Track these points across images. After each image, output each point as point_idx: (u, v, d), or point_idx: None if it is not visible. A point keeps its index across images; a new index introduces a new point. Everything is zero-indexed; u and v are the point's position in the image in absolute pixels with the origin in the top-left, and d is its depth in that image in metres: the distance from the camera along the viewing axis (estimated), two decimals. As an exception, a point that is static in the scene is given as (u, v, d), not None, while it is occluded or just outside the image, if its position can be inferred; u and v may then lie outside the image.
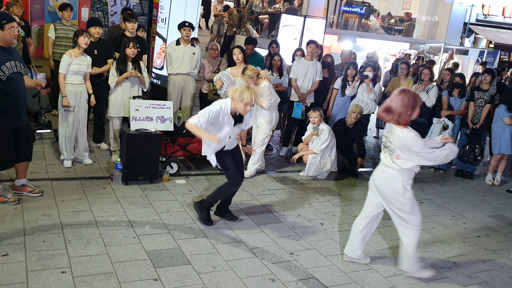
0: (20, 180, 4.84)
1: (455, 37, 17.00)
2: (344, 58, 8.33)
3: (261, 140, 6.27)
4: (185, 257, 4.03)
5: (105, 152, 6.53)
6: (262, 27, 14.70)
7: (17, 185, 4.84)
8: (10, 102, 4.36)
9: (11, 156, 4.56)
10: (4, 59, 4.27)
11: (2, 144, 4.43)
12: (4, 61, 4.26)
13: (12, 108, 4.40)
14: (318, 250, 4.48)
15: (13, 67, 4.34)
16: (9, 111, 4.38)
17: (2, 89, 4.30)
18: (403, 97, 3.75)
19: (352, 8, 15.98)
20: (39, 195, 4.88)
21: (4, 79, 4.29)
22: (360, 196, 6.09)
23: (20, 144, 4.58)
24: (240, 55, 6.34)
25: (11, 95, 4.36)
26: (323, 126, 6.46)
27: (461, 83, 7.44)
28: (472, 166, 7.56)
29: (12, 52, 4.42)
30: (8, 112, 4.37)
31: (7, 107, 4.36)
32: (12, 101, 4.38)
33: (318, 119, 6.43)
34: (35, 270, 3.58)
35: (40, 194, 4.90)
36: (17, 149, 4.58)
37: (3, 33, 4.24)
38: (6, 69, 4.28)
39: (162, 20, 8.58)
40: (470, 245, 5.03)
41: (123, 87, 5.96)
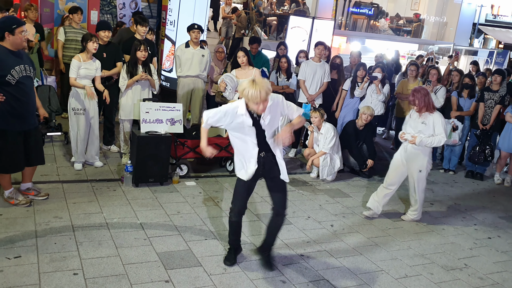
0: (25, 184, 4.86)
1: (464, 38, 16.92)
2: (353, 59, 8.31)
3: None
4: (196, 259, 4.04)
5: (115, 154, 6.57)
6: (270, 29, 14.72)
7: (22, 189, 4.85)
8: (19, 106, 4.40)
9: (21, 159, 4.59)
10: (13, 63, 4.30)
11: (13, 147, 4.46)
12: (13, 65, 4.30)
13: (21, 112, 4.43)
14: (328, 251, 4.47)
15: (22, 71, 4.38)
16: (19, 115, 4.41)
17: (12, 93, 4.33)
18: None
19: (360, 10, 15.96)
20: (45, 198, 4.90)
21: (14, 83, 4.32)
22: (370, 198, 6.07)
23: (30, 147, 4.62)
24: (245, 58, 6.35)
25: (20, 99, 4.39)
26: (326, 125, 6.44)
27: (470, 84, 7.39)
28: (482, 167, 7.51)
29: (22, 55, 4.46)
30: (18, 116, 4.41)
31: (17, 111, 4.39)
32: (21, 105, 4.41)
33: (318, 119, 6.43)
34: (47, 272, 3.61)
35: (45, 197, 4.91)
36: (28, 153, 4.62)
37: (14, 37, 4.27)
38: (15, 73, 4.31)
39: (171, 23, 8.62)
40: (481, 247, 5.00)
41: (133, 90, 6.00)
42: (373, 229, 5.12)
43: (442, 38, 17.03)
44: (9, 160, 4.48)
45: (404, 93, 7.73)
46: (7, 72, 4.25)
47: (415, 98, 5.04)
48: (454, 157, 7.65)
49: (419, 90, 5.07)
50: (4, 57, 4.25)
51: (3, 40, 4.28)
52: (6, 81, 4.26)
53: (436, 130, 5.04)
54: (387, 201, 5.45)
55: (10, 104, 4.33)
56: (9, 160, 4.48)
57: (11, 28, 4.24)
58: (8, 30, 4.23)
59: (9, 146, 4.43)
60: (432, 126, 5.05)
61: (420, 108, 5.05)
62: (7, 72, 4.25)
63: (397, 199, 6.15)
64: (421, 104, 5.02)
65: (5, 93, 4.28)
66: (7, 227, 4.23)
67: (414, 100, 5.05)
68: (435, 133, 5.03)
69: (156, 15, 10.75)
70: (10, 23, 4.28)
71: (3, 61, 4.23)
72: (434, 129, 5.04)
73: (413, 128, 5.14)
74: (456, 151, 7.59)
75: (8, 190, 4.68)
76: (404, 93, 7.73)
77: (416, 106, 5.07)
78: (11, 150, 4.46)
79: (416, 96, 5.03)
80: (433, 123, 5.05)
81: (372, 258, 4.44)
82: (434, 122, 5.04)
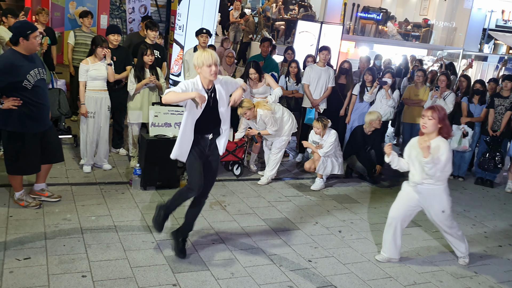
0: (39, 184, 4.91)
1: (474, 43, 16.83)
2: (362, 64, 8.30)
3: (278, 148, 6.27)
4: (203, 263, 4.04)
5: (123, 157, 6.59)
6: (278, 33, 14.74)
7: (35, 190, 4.91)
8: (36, 109, 4.46)
9: (38, 161, 4.66)
10: (28, 68, 4.35)
11: (31, 149, 4.54)
12: (29, 70, 4.35)
13: (38, 114, 4.50)
14: (336, 257, 4.45)
15: (37, 74, 4.43)
16: (35, 118, 4.48)
17: (29, 97, 4.39)
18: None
19: (368, 14, 15.94)
20: (57, 200, 4.94)
21: (30, 87, 4.37)
22: (378, 204, 6.05)
23: (47, 146, 4.69)
24: (256, 75, 6.41)
25: (37, 102, 4.46)
26: (331, 131, 6.34)
27: (481, 90, 7.35)
28: (492, 174, 7.45)
29: (35, 59, 4.51)
30: (34, 119, 4.48)
31: (34, 114, 4.46)
32: (38, 108, 4.48)
33: (320, 130, 6.26)
34: (56, 273, 3.62)
35: (58, 199, 4.95)
36: (45, 152, 4.69)
37: (28, 42, 4.32)
38: (31, 78, 4.37)
39: (179, 27, 8.66)
40: (492, 255, 4.95)
41: (142, 93, 6.02)
42: (382, 235, 5.08)
43: (451, 43, 16.95)
44: (26, 161, 4.56)
45: (412, 98, 7.70)
46: (23, 78, 4.31)
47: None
48: (463, 163, 7.60)
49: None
50: (20, 63, 4.30)
51: (16, 45, 4.32)
52: (23, 86, 4.32)
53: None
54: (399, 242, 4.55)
55: (28, 108, 4.40)
56: (26, 161, 4.56)
57: (26, 34, 4.29)
58: (23, 36, 4.28)
59: (26, 148, 4.50)
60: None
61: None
62: (23, 77, 4.31)
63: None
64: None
65: (22, 97, 4.35)
66: (17, 228, 4.25)
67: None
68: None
69: (165, 19, 10.81)
70: (25, 28, 4.33)
71: (19, 67, 4.28)
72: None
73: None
74: (466, 157, 7.54)
75: (19, 192, 4.71)
76: (412, 99, 7.70)
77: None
78: (28, 152, 4.53)
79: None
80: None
81: (380, 264, 4.41)
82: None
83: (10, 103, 4.31)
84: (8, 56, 4.34)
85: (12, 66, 4.24)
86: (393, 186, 6.83)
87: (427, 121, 4.09)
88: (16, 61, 4.28)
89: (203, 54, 3.76)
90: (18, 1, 12.32)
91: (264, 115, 5.91)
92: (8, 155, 4.55)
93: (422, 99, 7.58)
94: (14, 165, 4.56)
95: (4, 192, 4.99)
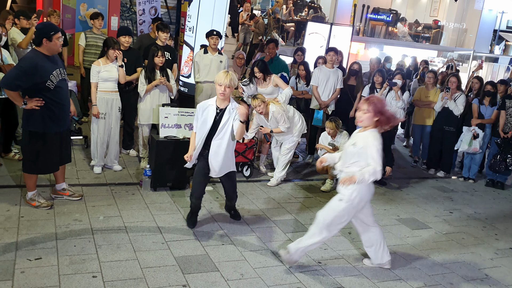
0: (60, 184, 5.00)
1: (484, 45, 16.72)
2: (372, 66, 8.27)
3: (287, 149, 6.26)
4: (213, 264, 4.05)
5: (134, 158, 6.63)
6: (288, 35, 14.73)
7: (58, 189, 5.00)
8: (58, 109, 4.56)
9: (57, 160, 4.77)
10: (51, 69, 4.43)
11: (51, 149, 4.63)
12: (51, 70, 4.43)
13: (59, 115, 4.60)
14: (346, 259, 4.44)
15: (59, 74, 4.52)
16: (57, 118, 4.58)
17: (51, 98, 4.48)
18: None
19: (378, 16, 15.89)
20: (79, 199, 5.02)
21: (53, 88, 4.46)
22: (388, 206, 6.02)
23: (62, 147, 4.78)
24: (260, 74, 6.40)
25: (59, 102, 4.56)
26: (343, 132, 6.37)
27: (492, 91, 7.30)
28: (503, 176, 7.39)
29: (57, 60, 4.61)
30: (56, 119, 4.57)
31: (55, 115, 4.55)
32: (59, 108, 4.58)
33: (333, 131, 6.27)
34: (67, 274, 3.65)
35: (79, 198, 5.03)
36: (60, 152, 4.78)
37: (51, 43, 4.41)
38: (54, 78, 4.45)
39: (189, 29, 8.68)
40: (503, 257, 4.91)
41: (152, 95, 6.06)
42: (392, 237, 5.07)
43: (461, 44, 16.84)
44: (46, 161, 4.66)
45: (422, 100, 7.66)
46: (47, 78, 4.39)
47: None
48: (474, 165, 7.54)
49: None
50: (43, 63, 4.38)
51: (39, 46, 4.41)
52: (46, 86, 4.41)
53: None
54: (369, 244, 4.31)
55: (50, 108, 4.49)
56: (46, 161, 4.66)
57: (49, 35, 4.38)
58: (46, 37, 4.37)
59: (47, 148, 4.60)
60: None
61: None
62: (47, 77, 4.39)
63: (415, 206, 6.08)
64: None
65: (45, 98, 4.44)
66: (28, 229, 4.29)
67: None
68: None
69: (175, 21, 10.85)
70: (49, 29, 4.42)
71: (42, 67, 4.36)
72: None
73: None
74: (477, 159, 7.48)
75: (32, 192, 4.76)
76: (422, 101, 7.66)
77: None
78: (48, 152, 4.63)
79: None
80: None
81: (390, 266, 4.39)
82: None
83: (33, 103, 4.40)
84: (32, 57, 4.42)
85: (36, 67, 4.32)
86: (403, 188, 6.80)
87: (362, 115, 3.87)
88: (39, 61, 4.36)
89: (223, 75, 4.30)
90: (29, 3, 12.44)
91: (276, 112, 5.91)
92: (28, 155, 4.63)
93: (433, 100, 7.54)
94: (33, 165, 4.64)
95: (16, 193, 5.04)
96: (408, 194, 6.58)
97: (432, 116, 7.64)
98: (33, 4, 11.74)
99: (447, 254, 4.82)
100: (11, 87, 4.34)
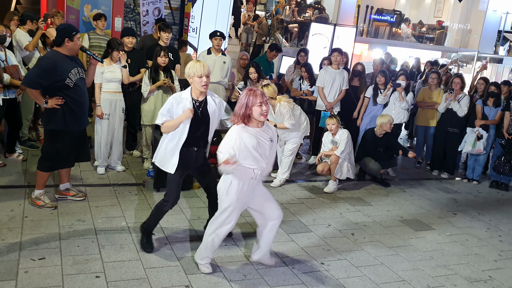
0: (64, 184, 5.03)
1: (489, 45, 16.66)
2: (376, 67, 8.26)
3: (290, 150, 6.26)
4: (216, 265, 4.05)
5: (137, 159, 6.64)
6: (292, 36, 14.72)
7: (61, 189, 5.03)
8: (77, 107, 4.65)
9: (74, 156, 4.88)
10: (70, 67, 4.54)
11: (70, 146, 4.73)
12: (69, 69, 4.53)
13: (79, 113, 4.69)
14: (349, 260, 4.43)
15: (77, 73, 4.61)
16: (77, 116, 4.67)
17: (71, 96, 4.57)
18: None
19: (382, 17, 15.86)
20: (82, 199, 5.04)
21: (72, 85, 4.55)
22: (392, 207, 6.01)
23: (80, 145, 4.88)
24: (256, 74, 6.42)
25: (78, 101, 4.65)
26: (342, 131, 6.37)
27: (496, 92, 7.27)
28: (507, 177, 7.37)
29: (75, 59, 4.70)
30: (76, 117, 4.67)
31: (75, 113, 4.64)
32: (79, 106, 4.67)
33: (335, 126, 6.34)
34: (71, 274, 3.66)
35: (83, 198, 5.06)
36: (78, 150, 4.88)
37: (72, 43, 4.53)
38: (72, 76, 4.55)
39: (193, 30, 8.71)
40: (507, 259, 4.89)
41: (155, 95, 6.06)
42: (395, 238, 5.06)
43: (466, 45, 16.79)
44: (63, 158, 4.77)
45: (426, 101, 7.65)
46: (65, 76, 4.49)
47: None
48: (478, 166, 7.52)
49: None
50: (62, 63, 4.49)
51: (60, 46, 4.52)
52: (65, 84, 4.51)
53: None
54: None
55: (69, 107, 4.58)
56: (63, 158, 4.77)
57: (71, 35, 4.50)
58: (69, 36, 4.48)
59: (66, 146, 4.69)
60: None
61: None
62: (66, 75, 4.50)
63: (418, 208, 6.07)
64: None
65: (65, 96, 4.54)
66: (32, 229, 4.30)
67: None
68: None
69: (179, 22, 10.87)
70: (71, 30, 4.55)
71: (61, 66, 4.47)
72: None
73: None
74: (480, 160, 7.46)
75: (39, 191, 4.81)
76: (426, 102, 7.65)
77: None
78: (67, 150, 4.73)
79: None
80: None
81: (393, 268, 4.39)
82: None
83: (54, 102, 4.50)
84: (51, 56, 4.52)
85: (55, 65, 4.43)
86: (406, 189, 6.79)
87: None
88: (58, 60, 4.47)
89: (195, 65, 3.84)
90: (34, 4, 12.47)
91: (283, 106, 5.88)
92: (47, 153, 4.71)
93: (436, 101, 7.53)
94: (50, 163, 4.73)
95: (20, 193, 5.06)
96: (412, 195, 6.56)
97: (436, 117, 7.62)
98: (37, 5, 11.77)
99: (450, 255, 4.80)
100: (33, 86, 4.44)
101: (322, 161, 6.46)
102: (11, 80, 5.58)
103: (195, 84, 3.87)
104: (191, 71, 3.83)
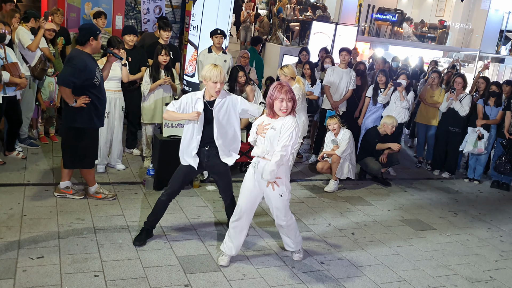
0: (64, 182, 5.03)
1: (490, 45, 16.60)
2: (378, 66, 8.24)
3: (291, 148, 6.23)
4: (215, 264, 4.03)
5: (137, 158, 6.62)
6: (293, 34, 14.69)
7: (61, 188, 5.02)
8: (100, 105, 4.77)
9: (96, 154, 5.09)
10: (94, 66, 4.62)
11: (95, 142, 4.94)
12: (95, 67, 4.62)
13: (102, 110, 4.81)
14: (349, 260, 4.41)
15: (99, 72, 4.69)
16: (100, 114, 4.80)
17: (96, 94, 4.66)
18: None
19: (384, 16, 15.81)
20: (82, 198, 5.03)
21: (98, 84, 4.63)
22: (392, 206, 5.99)
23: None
24: (244, 77, 6.22)
25: (101, 99, 4.77)
26: (344, 131, 6.36)
27: (497, 92, 7.24)
28: (508, 177, 7.34)
29: (94, 59, 4.76)
30: (100, 115, 4.80)
31: (99, 110, 4.75)
32: (102, 104, 4.80)
33: (337, 125, 6.32)
34: (69, 273, 3.64)
35: (82, 197, 5.05)
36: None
37: (96, 42, 4.60)
38: (98, 74, 4.64)
39: (194, 28, 8.67)
40: (508, 259, 4.87)
41: (155, 94, 6.05)
42: (395, 238, 5.04)
43: (467, 45, 16.73)
44: (94, 154, 4.96)
45: (428, 101, 7.62)
46: (93, 75, 4.56)
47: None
48: (479, 166, 7.50)
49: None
50: (89, 62, 4.56)
51: (84, 45, 4.57)
52: (93, 83, 4.59)
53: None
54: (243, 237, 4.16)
55: (94, 105, 4.67)
56: (94, 154, 4.96)
57: (96, 34, 4.58)
58: (93, 36, 4.56)
59: (93, 142, 4.85)
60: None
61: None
62: (93, 74, 4.56)
63: (419, 208, 6.05)
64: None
65: (90, 95, 4.62)
66: (30, 227, 4.29)
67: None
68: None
69: (180, 20, 10.84)
70: (94, 29, 4.65)
71: (88, 65, 4.53)
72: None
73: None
74: (482, 160, 7.43)
75: (95, 186, 5.03)
76: (427, 101, 7.62)
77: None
78: (94, 146, 4.89)
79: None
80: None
81: (394, 268, 4.37)
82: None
83: (82, 101, 4.56)
84: (79, 55, 4.55)
85: (85, 63, 4.50)
86: (407, 189, 6.76)
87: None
88: (86, 59, 4.53)
89: (213, 69, 3.93)
90: (34, 2, 12.45)
91: (296, 89, 5.73)
92: (74, 152, 4.78)
93: (437, 101, 7.50)
94: (83, 160, 4.84)
95: (19, 191, 5.04)
96: (413, 195, 6.54)
97: (437, 116, 7.59)
98: (38, 3, 11.76)
99: (451, 255, 4.78)
100: (68, 85, 4.48)
101: (323, 160, 6.45)
102: (10, 77, 5.56)
103: (209, 88, 4.00)
104: (208, 75, 3.94)
